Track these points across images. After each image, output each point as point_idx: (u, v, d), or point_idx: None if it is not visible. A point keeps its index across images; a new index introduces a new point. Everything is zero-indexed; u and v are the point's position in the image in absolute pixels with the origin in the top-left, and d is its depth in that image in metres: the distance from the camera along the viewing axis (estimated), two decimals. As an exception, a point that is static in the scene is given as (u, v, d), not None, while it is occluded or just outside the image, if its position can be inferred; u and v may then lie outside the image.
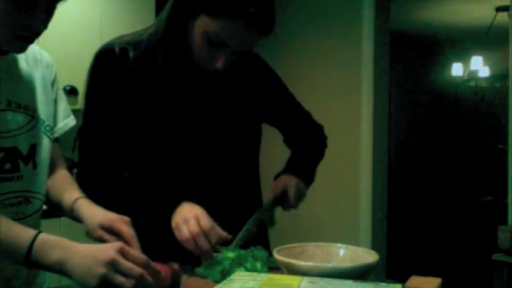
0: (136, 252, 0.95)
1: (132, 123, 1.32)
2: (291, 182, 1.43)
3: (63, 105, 1.31)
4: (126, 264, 0.90)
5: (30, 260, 0.93)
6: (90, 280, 0.88)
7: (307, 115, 1.60)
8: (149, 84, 1.32)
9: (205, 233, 1.18)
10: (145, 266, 0.93)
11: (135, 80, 1.31)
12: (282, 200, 1.43)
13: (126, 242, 1.11)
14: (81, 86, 1.50)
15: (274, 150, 1.58)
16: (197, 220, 1.19)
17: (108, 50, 1.31)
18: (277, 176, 1.49)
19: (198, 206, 1.25)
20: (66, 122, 1.30)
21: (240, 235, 1.28)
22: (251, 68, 1.43)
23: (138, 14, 3.74)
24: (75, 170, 1.37)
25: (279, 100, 1.52)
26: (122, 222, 1.14)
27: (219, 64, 1.24)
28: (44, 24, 1.04)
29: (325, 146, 1.65)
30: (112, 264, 0.89)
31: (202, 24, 1.21)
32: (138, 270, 0.90)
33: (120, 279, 0.88)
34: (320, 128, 1.64)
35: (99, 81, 1.33)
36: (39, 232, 0.95)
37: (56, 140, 1.28)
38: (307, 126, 1.60)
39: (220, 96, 1.38)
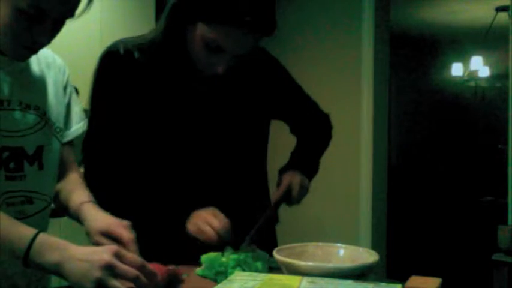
0: (131, 255, 0.94)
1: (139, 124, 1.31)
2: (295, 180, 1.45)
3: (77, 109, 1.30)
4: (122, 267, 0.90)
5: (28, 260, 0.93)
6: (86, 284, 0.88)
7: (314, 105, 1.61)
8: (155, 87, 1.32)
9: (225, 227, 1.22)
10: (140, 269, 0.93)
11: (141, 82, 1.31)
12: (287, 197, 1.45)
13: (124, 246, 1.09)
14: (81, 87, 1.50)
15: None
16: (215, 217, 1.24)
17: (113, 51, 1.32)
18: (281, 171, 1.50)
19: (210, 208, 1.28)
20: (79, 126, 1.30)
21: (252, 232, 1.30)
22: (257, 63, 1.42)
23: (138, 15, 3.74)
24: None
25: (287, 93, 1.53)
26: (120, 227, 1.12)
27: (220, 70, 1.24)
28: (49, 39, 1.06)
29: (330, 135, 1.65)
30: (108, 268, 0.89)
31: (200, 31, 1.20)
32: (133, 273, 0.90)
33: (115, 282, 0.88)
34: (326, 117, 1.64)
35: (105, 82, 1.33)
36: (38, 232, 0.95)
37: (69, 144, 1.28)
38: (314, 115, 1.62)
39: (227, 95, 1.37)
